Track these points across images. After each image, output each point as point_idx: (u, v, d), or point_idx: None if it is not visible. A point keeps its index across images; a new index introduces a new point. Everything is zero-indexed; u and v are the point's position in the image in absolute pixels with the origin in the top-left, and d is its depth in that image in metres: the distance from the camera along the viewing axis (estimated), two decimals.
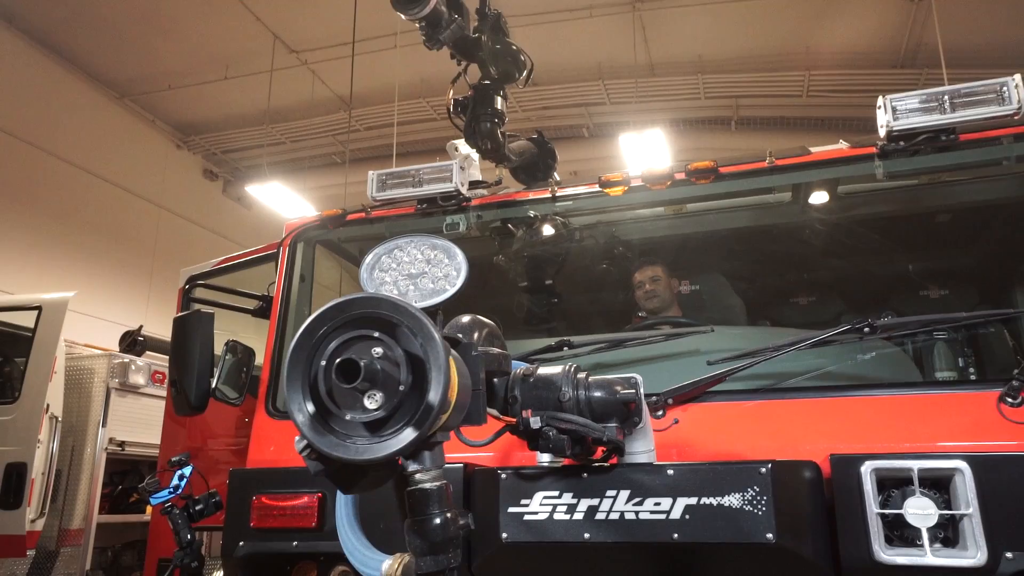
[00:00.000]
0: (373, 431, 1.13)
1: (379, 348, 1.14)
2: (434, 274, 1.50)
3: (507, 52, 2.90)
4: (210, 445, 4.52)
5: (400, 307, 1.14)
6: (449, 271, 1.49)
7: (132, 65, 10.98)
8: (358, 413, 1.13)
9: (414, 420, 1.12)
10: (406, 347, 1.14)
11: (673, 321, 3.16)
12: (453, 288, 1.48)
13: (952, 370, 2.67)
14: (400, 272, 1.52)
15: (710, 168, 2.75)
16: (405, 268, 1.52)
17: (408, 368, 1.13)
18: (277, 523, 2.39)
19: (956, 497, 1.81)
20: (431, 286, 1.48)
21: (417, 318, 1.14)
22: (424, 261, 1.52)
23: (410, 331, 1.14)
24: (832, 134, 10.35)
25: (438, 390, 1.11)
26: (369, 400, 1.12)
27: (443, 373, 1.11)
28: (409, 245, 1.54)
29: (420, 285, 1.49)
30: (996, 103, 2.36)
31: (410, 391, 1.13)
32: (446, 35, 2.62)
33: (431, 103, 11.39)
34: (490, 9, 2.85)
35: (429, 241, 1.54)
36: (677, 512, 1.88)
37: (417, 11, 2.50)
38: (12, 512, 5.87)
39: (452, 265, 1.50)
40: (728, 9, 9.52)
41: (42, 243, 10.32)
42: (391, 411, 1.12)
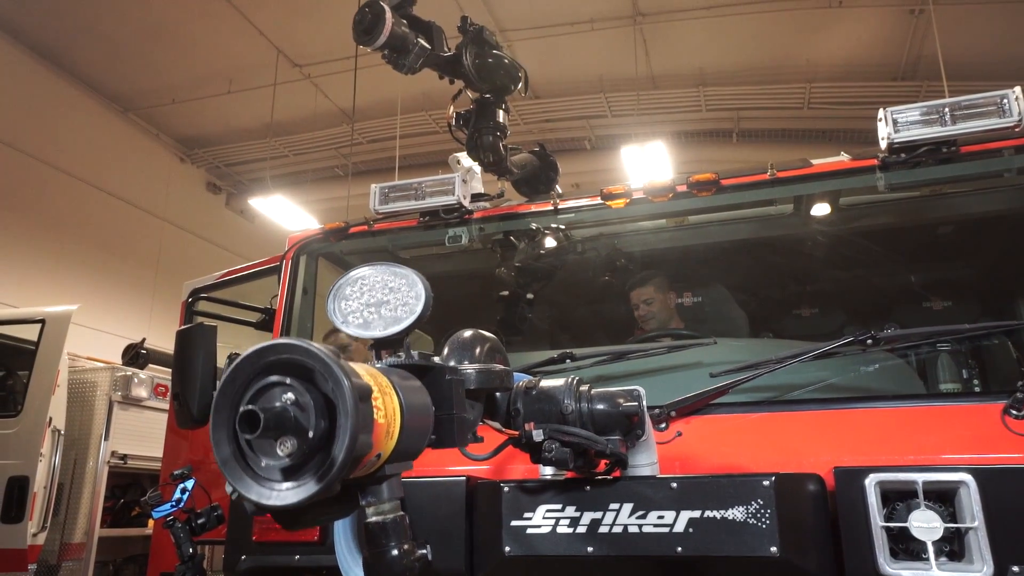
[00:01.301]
0: (287, 477, 1.13)
1: (291, 394, 1.13)
2: (396, 302, 1.51)
3: (498, 64, 2.90)
4: (212, 458, 4.51)
5: (311, 352, 1.13)
6: (409, 299, 1.50)
7: (136, 79, 11.06)
8: (271, 460, 1.13)
9: (320, 471, 1.11)
10: (324, 392, 1.13)
11: (676, 333, 3.16)
12: (413, 316, 1.48)
13: (956, 382, 2.66)
14: (363, 301, 1.52)
15: (712, 180, 2.76)
16: (368, 296, 1.53)
17: (321, 414, 1.12)
18: (279, 537, 2.39)
19: (961, 510, 1.80)
20: (393, 314, 1.49)
21: (326, 363, 1.12)
22: (386, 289, 1.53)
23: (321, 376, 1.13)
24: (833, 146, 10.38)
25: (343, 441, 1.09)
26: (280, 447, 1.12)
27: (351, 420, 1.10)
28: (371, 274, 1.55)
29: (383, 313, 1.50)
30: (997, 115, 2.37)
31: (323, 438, 1.12)
32: (410, 59, 2.63)
33: (433, 116, 11.44)
34: (471, 25, 2.86)
35: (390, 269, 1.55)
36: (680, 525, 1.87)
37: (372, 42, 2.52)
38: (14, 526, 5.86)
39: (413, 293, 1.51)
40: (729, 22, 9.57)
41: (46, 256, 10.36)
42: (302, 458, 1.12)
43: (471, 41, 2.82)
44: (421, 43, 2.62)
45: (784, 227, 3.13)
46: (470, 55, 2.81)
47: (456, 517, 2.05)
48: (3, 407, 6.57)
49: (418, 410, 1.34)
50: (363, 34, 2.54)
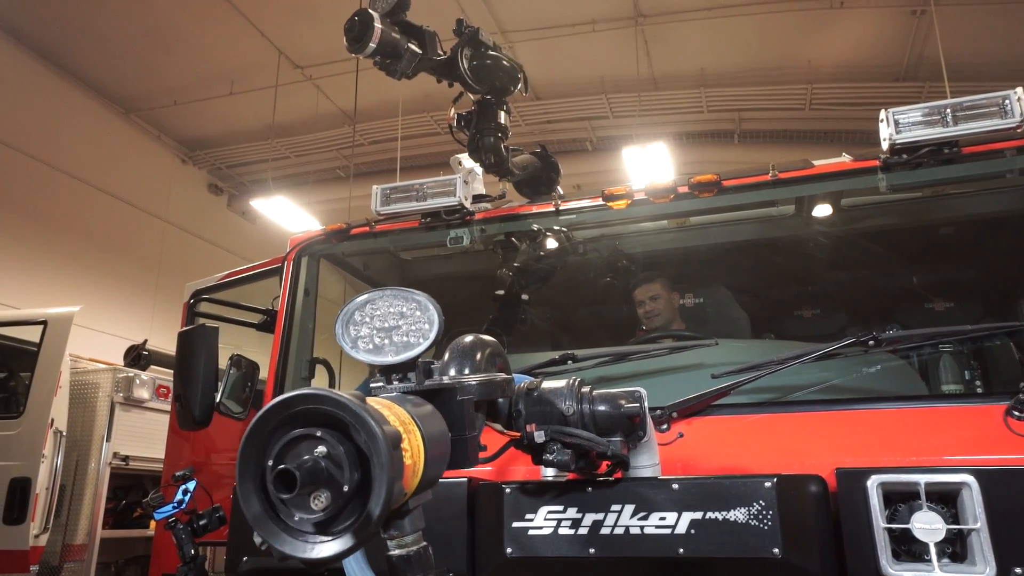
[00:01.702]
0: (321, 530, 1.12)
1: (323, 447, 1.11)
2: (408, 327, 1.49)
3: (496, 66, 2.90)
4: (214, 460, 4.52)
5: (342, 403, 1.11)
6: (422, 324, 1.49)
7: (138, 81, 11.07)
8: (305, 513, 1.12)
9: (355, 526, 1.10)
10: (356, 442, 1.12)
11: (677, 334, 3.16)
12: (427, 341, 1.47)
13: (958, 383, 2.66)
14: (373, 326, 1.51)
15: (713, 181, 2.76)
16: (379, 322, 1.51)
17: (355, 466, 1.11)
18: None
19: (964, 512, 1.80)
20: (405, 339, 1.48)
21: (358, 415, 1.10)
22: (397, 314, 1.51)
23: (355, 428, 1.11)
24: (835, 147, 10.38)
25: (380, 496, 1.08)
26: (315, 501, 1.10)
27: (386, 473, 1.08)
28: (381, 299, 1.54)
29: (394, 339, 1.48)
30: (998, 116, 2.37)
31: (357, 490, 1.10)
32: (402, 65, 2.64)
33: (434, 117, 11.45)
34: (466, 27, 2.86)
35: (403, 294, 1.53)
36: (682, 527, 1.87)
37: (361, 49, 2.53)
38: (16, 527, 5.86)
39: (425, 318, 1.49)
40: (730, 23, 9.57)
41: (47, 257, 10.37)
42: (337, 511, 1.11)
43: (466, 43, 2.83)
44: (412, 48, 2.62)
45: (786, 228, 3.13)
46: (465, 57, 2.81)
47: (457, 519, 2.05)
48: (5, 408, 6.58)
49: (437, 440, 1.33)
50: (353, 42, 2.55)
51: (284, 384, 2.99)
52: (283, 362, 3.02)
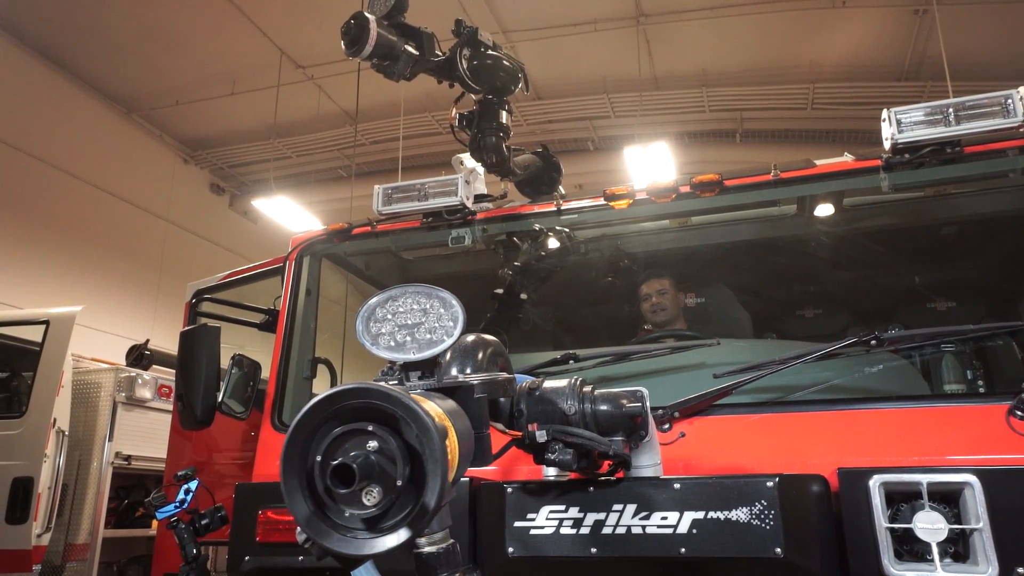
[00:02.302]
0: (371, 526, 1.12)
1: (374, 442, 1.11)
2: (430, 324, 1.48)
3: (496, 66, 2.90)
4: (216, 459, 4.52)
5: (393, 397, 1.11)
6: (446, 321, 1.48)
7: (140, 81, 11.08)
8: (356, 509, 1.11)
9: (410, 519, 1.10)
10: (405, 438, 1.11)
11: (679, 334, 3.16)
12: (451, 338, 1.46)
13: (960, 383, 2.65)
14: (396, 323, 1.50)
15: (715, 181, 2.76)
16: (401, 318, 1.50)
17: (405, 461, 1.11)
18: (283, 538, 2.39)
19: (966, 512, 1.80)
20: (428, 336, 1.47)
21: (412, 409, 1.10)
22: (420, 311, 1.50)
23: (405, 422, 1.11)
24: (837, 146, 10.37)
25: (435, 489, 1.08)
26: (367, 497, 1.10)
27: (439, 467, 1.09)
28: (404, 295, 1.53)
29: (417, 336, 1.47)
30: (1000, 115, 2.36)
31: (407, 485, 1.10)
32: (399, 66, 2.64)
33: (436, 117, 11.45)
34: (465, 27, 2.86)
35: (425, 290, 1.53)
36: (684, 526, 1.87)
37: (359, 52, 2.53)
38: (18, 527, 5.87)
39: (449, 315, 1.48)
40: (732, 23, 9.56)
41: (50, 257, 10.38)
42: (388, 506, 1.11)
43: (465, 44, 2.82)
44: (408, 50, 2.62)
45: (787, 228, 3.13)
46: (464, 58, 2.81)
47: (459, 518, 2.05)
48: (7, 408, 6.58)
49: (465, 436, 1.33)
50: (350, 45, 2.55)
51: (286, 384, 2.99)
52: (285, 362, 3.02)
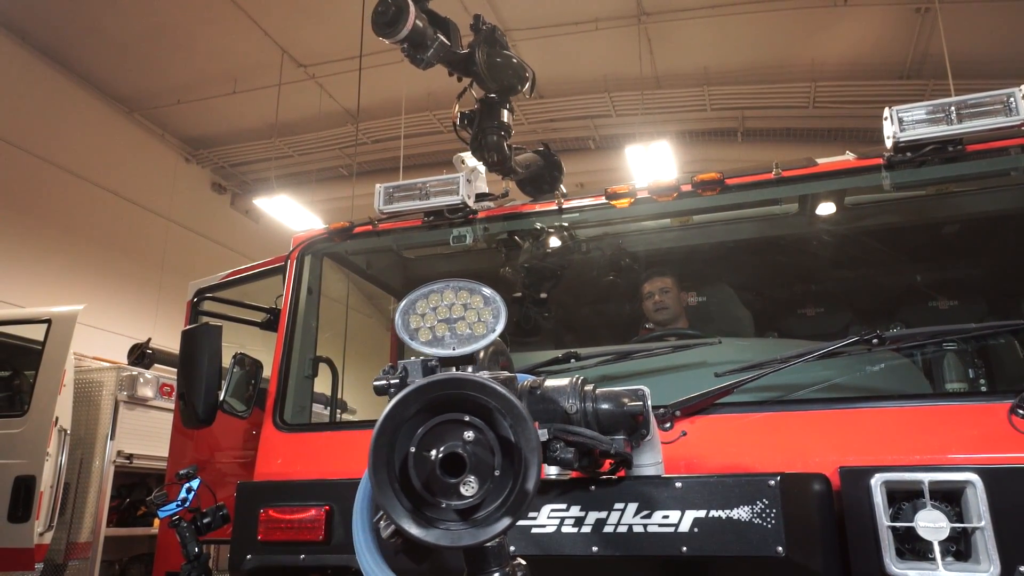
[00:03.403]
0: (465, 516, 1.12)
1: (470, 432, 1.12)
2: (470, 319, 1.47)
3: (507, 65, 2.90)
4: (218, 458, 4.53)
5: (488, 388, 1.12)
6: (487, 316, 1.46)
7: (142, 80, 11.09)
8: (454, 500, 1.11)
9: (508, 506, 1.10)
10: (497, 428, 1.12)
11: (680, 333, 3.16)
12: (492, 334, 1.45)
13: (962, 382, 2.65)
14: (436, 317, 1.49)
15: (716, 180, 2.76)
16: (441, 313, 1.49)
17: (502, 451, 1.12)
18: (284, 536, 2.39)
19: (968, 510, 1.79)
20: (468, 331, 1.45)
21: (507, 399, 1.11)
22: (460, 305, 1.49)
23: (499, 413, 1.12)
24: (838, 145, 10.35)
25: (534, 476, 1.09)
26: (465, 487, 1.10)
27: (536, 456, 1.10)
28: (445, 289, 1.52)
29: (457, 331, 1.46)
30: (1002, 114, 2.36)
31: (505, 473, 1.11)
32: (430, 54, 2.62)
33: (438, 116, 11.45)
34: (484, 24, 2.86)
35: (466, 285, 1.51)
36: (686, 525, 1.87)
37: (394, 35, 2.52)
38: (20, 525, 5.88)
39: (490, 310, 1.47)
40: (733, 21, 9.55)
41: (51, 256, 10.39)
42: (484, 496, 1.11)
43: (484, 40, 2.82)
44: (441, 39, 2.62)
45: (789, 226, 3.13)
46: (482, 54, 2.81)
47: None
48: (9, 407, 6.59)
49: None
50: (385, 26, 2.52)
51: (287, 383, 2.99)
52: (286, 360, 3.03)
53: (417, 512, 1.13)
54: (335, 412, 3.86)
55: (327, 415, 3.82)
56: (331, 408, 3.79)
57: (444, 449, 1.10)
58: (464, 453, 1.08)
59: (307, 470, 2.65)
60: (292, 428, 2.86)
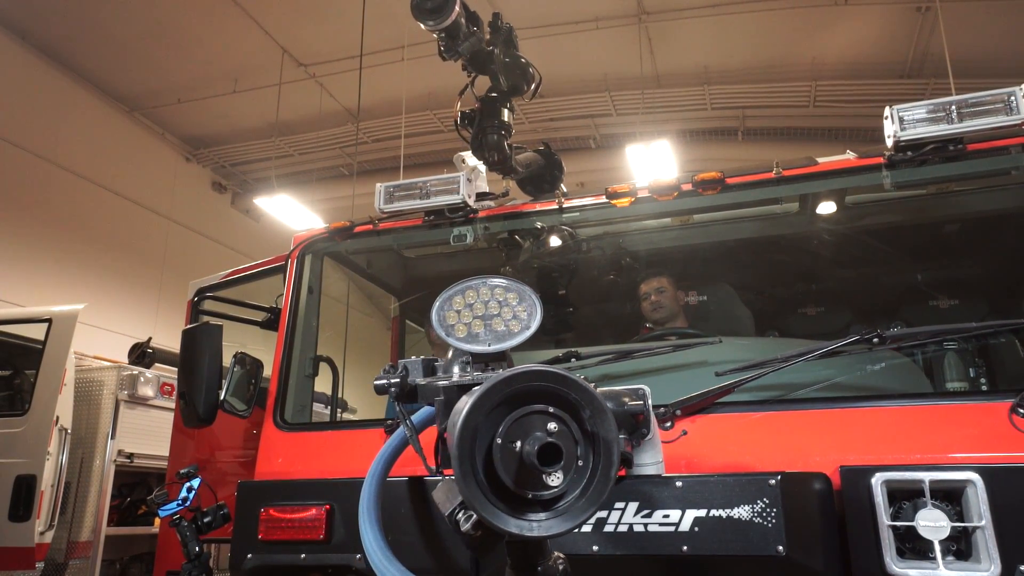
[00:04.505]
0: (547, 506, 1.13)
1: (554, 424, 1.14)
2: (506, 316, 1.48)
3: (516, 65, 2.91)
4: (218, 457, 4.53)
5: (570, 381, 1.15)
6: (520, 313, 1.47)
7: (142, 79, 11.09)
8: (540, 491, 1.13)
9: (590, 495, 1.13)
10: (579, 419, 1.15)
11: (681, 332, 3.16)
12: (528, 331, 1.46)
13: (963, 381, 2.65)
14: (473, 313, 1.50)
15: (717, 179, 2.75)
16: (477, 310, 1.50)
17: (585, 442, 1.15)
18: (285, 535, 2.39)
19: (968, 509, 1.79)
20: (503, 328, 1.47)
21: (587, 391, 1.14)
22: (496, 302, 1.50)
23: (579, 404, 1.14)
24: (839, 144, 10.35)
25: (615, 465, 1.12)
26: (551, 478, 1.12)
27: (616, 445, 1.12)
28: (482, 286, 1.53)
29: (492, 327, 1.47)
30: (1003, 113, 2.36)
31: (583, 465, 1.14)
32: (464, 47, 2.61)
33: (438, 115, 11.45)
34: (503, 23, 2.86)
35: (502, 282, 1.53)
36: (686, 524, 1.87)
37: (438, 22, 2.50)
38: (21, 524, 5.88)
39: (524, 307, 1.48)
40: (733, 20, 9.54)
41: (52, 255, 10.40)
42: (567, 487, 1.14)
43: (503, 40, 2.82)
44: (478, 33, 2.61)
45: (790, 226, 3.13)
46: (502, 52, 2.80)
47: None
48: (10, 406, 6.60)
49: None
50: (428, 13, 2.50)
51: (288, 382, 2.99)
52: (287, 360, 3.03)
53: (504, 505, 1.15)
54: (335, 411, 3.86)
55: (327, 414, 3.82)
56: (331, 407, 3.79)
57: (536, 439, 1.12)
58: (561, 445, 1.11)
59: (308, 469, 2.66)
60: (293, 427, 2.86)
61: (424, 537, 2.14)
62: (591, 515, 1.14)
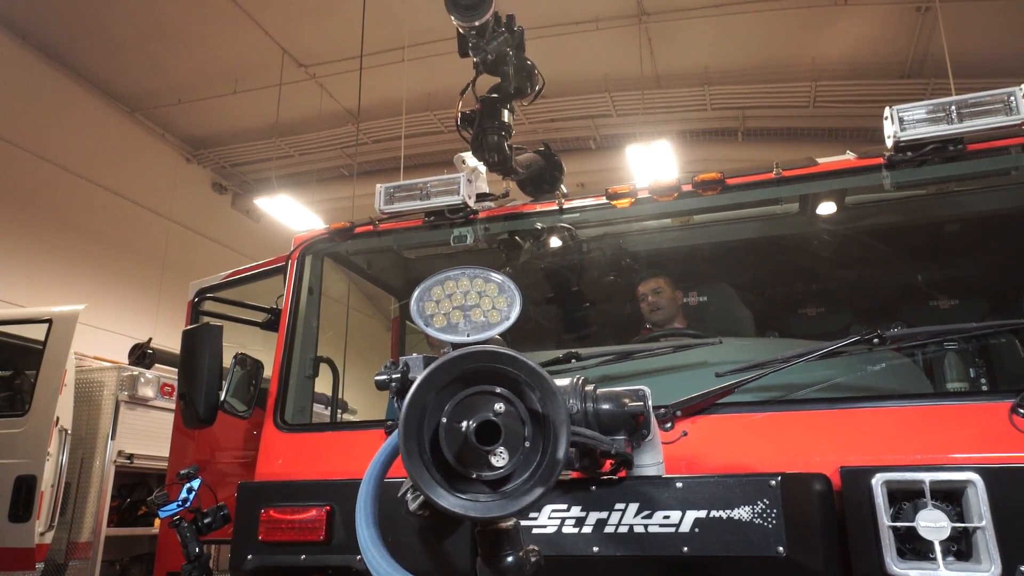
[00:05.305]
0: (495, 487, 1.12)
1: (500, 404, 1.13)
2: (485, 306, 1.48)
3: (523, 68, 2.91)
4: (219, 458, 4.53)
5: (518, 361, 1.14)
6: (501, 304, 1.47)
7: (143, 80, 11.09)
8: (484, 471, 1.12)
9: (538, 477, 1.11)
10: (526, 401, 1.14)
11: (681, 333, 3.16)
12: (508, 321, 1.46)
13: (963, 381, 2.65)
14: (452, 304, 1.50)
15: (717, 180, 2.76)
16: (456, 300, 1.50)
17: (532, 422, 1.13)
18: (285, 536, 2.39)
19: (969, 510, 1.79)
20: (483, 319, 1.46)
21: (537, 372, 1.13)
22: (476, 293, 1.50)
23: (528, 385, 1.13)
24: (839, 144, 10.34)
25: (563, 446, 1.10)
26: (496, 458, 1.11)
27: (566, 427, 1.11)
28: (461, 276, 1.53)
29: (472, 318, 1.47)
30: (1003, 113, 2.36)
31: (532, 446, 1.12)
32: (492, 47, 2.60)
33: (438, 116, 11.45)
34: (516, 26, 2.86)
35: (482, 273, 1.53)
36: (687, 525, 1.87)
37: (473, 18, 2.49)
38: (21, 525, 5.88)
39: (504, 298, 1.48)
40: (734, 21, 9.54)
41: (52, 256, 10.40)
42: (514, 467, 1.12)
43: (516, 43, 2.81)
44: (504, 34, 2.60)
45: (790, 226, 3.13)
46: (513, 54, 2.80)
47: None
48: (10, 407, 6.60)
49: None
50: (464, 9, 2.49)
51: (288, 383, 2.99)
52: (287, 360, 3.03)
53: (448, 484, 1.14)
54: (336, 412, 3.86)
55: (328, 415, 3.82)
56: (332, 408, 3.79)
57: (477, 418, 1.10)
58: (499, 423, 1.09)
59: (308, 470, 2.66)
60: (293, 428, 2.86)
61: (423, 538, 2.13)
62: (540, 498, 1.12)
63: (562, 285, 3.53)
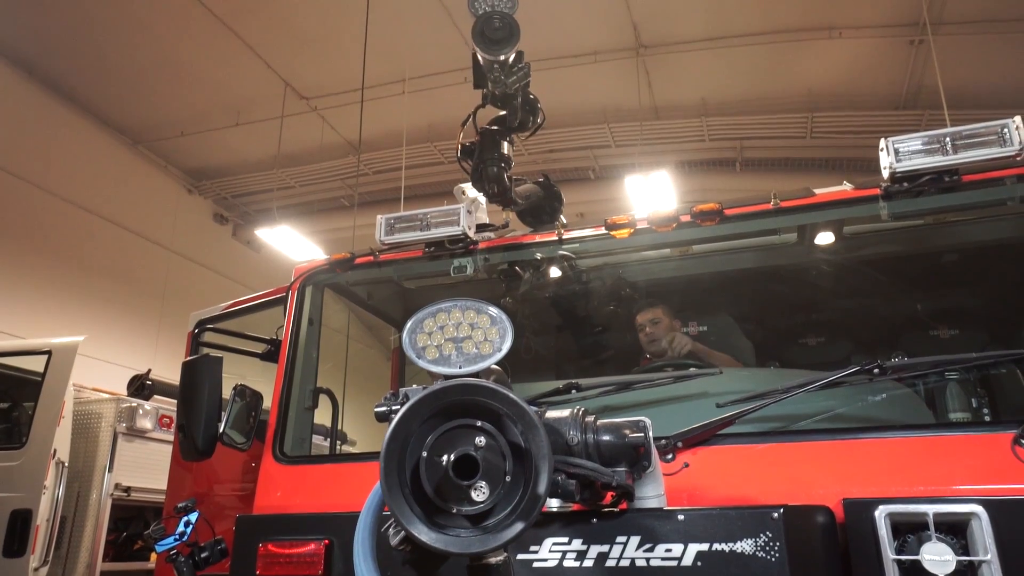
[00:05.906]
0: (476, 522, 1.12)
1: (481, 438, 1.12)
2: (477, 338, 1.49)
3: (527, 102, 2.94)
4: (217, 491, 4.49)
5: (499, 394, 1.14)
6: (493, 335, 1.48)
7: (146, 112, 11.21)
8: (464, 506, 1.11)
9: (519, 511, 1.10)
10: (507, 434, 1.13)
11: (681, 363, 3.15)
12: (499, 353, 1.46)
13: (965, 411, 2.64)
14: (443, 336, 1.50)
15: (715, 210, 2.77)
16: (448, 332, 1.51)
17: (512, 457, 1.12)
18: (283, 571, 2.36)
19: (974, 543, 1.78)
20: (475, 351, 1.47)
21: (518, 405, 1.13)
22: (467, 325, 1.51)
23: (510, 419, 1.13)
24: (836, 175, 10.42)
25: (545, 481, 1.10)
26: (476, 492, 1.11)
27: (547, 461, 1.10)
28: (453, 308, 1.53)
29: (463, 349, 1.48)
30: (997, 144, 2.38)
31: (513, 480, 1.12)
32: (512, 80, 2.63)
33: (439, 147, 11.55)
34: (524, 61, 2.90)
35: (474, 305, 1.53)
36: (689, 558, 1.84)
37: (500, 52, 2.51)
38: (16, 560, 5.80)
39: (496, 329, 1.49)
40: (730, 53, 9.68)
41: (52, 287, 10.41)
42: (496, 502, 1.12)
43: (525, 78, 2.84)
44: (525, 68, 2.62)
45: (788, 256, 3.14)
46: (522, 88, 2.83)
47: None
48: (8, 439, 6.55)
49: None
50: (491, 43, 2.49)
51: (288, 414, 2.98)
52: (287, 392, 3.02)
53: (428, 518, 1.13)
54: (335, 444, 3.83)
55: (327, 447, 3.79)
56: (331, 440, 3.77)
57: (456, 452, 1.09)
58: (476, 455, 1.07)
59: (307, 503, 2.63)
60: (292, 460, 2.84)
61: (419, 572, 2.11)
62: (521, 533, 1.11)
63: (562, 315, 3.53)
